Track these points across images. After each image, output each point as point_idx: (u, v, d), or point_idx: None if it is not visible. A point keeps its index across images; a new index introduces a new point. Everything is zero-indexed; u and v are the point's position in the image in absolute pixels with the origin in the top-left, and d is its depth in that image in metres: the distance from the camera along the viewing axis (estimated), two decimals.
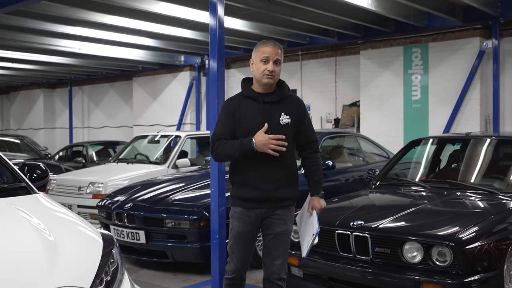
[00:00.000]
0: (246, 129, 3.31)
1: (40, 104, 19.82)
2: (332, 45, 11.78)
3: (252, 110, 3.36)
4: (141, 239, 5.51)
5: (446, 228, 3.84)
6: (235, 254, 3.43)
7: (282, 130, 3.33)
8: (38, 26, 9.42)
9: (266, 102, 3.36)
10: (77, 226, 2.57)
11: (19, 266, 2.06)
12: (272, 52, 3.33)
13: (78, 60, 13.76)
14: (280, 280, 3.40)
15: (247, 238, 3.42)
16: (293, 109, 3.42)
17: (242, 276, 3.49)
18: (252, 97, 3.39)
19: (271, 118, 3.33)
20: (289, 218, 3.45)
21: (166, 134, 9.59)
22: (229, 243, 3.47)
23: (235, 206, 3.45)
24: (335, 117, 11.88)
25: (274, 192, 3.35)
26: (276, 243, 3.39)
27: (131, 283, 2.44)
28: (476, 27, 9.52)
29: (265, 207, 3.37)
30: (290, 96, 3.47)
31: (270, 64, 3.31)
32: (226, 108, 3.43)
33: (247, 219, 3.39)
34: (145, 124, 15.39)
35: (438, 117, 9.92)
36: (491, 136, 5.60)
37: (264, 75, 3.32)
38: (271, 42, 3.39)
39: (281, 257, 3.40)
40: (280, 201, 3.39)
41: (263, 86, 3.38)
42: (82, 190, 7.73)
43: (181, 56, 14.09)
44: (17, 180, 3.05)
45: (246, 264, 3.48)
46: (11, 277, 1.99)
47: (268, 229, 3.41)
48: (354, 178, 7.18)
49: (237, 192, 3.43)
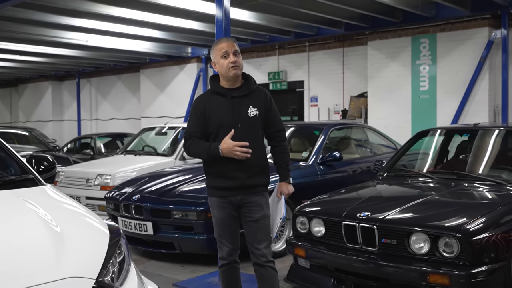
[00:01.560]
0: (218, 124, 3.50)
1: (48, 96, 19.91)
2: (340, 36, 11.73)
3: (221, 106, 3.53)
4: (149, 231, 5.53)
5: (453, 219, 3.82)
6: (223, 238, 3.64)
7: (251, 122, 3.53)
8: (45, 18, 9.45)
9: (234, 96, 3.54)
10: (84, 217, 2.58)
11: (26, 257, 2.07)
12: (228, 45, 3.51)
13: (86, 53, 13.79)
14: (269, 262, 3.59)
15: (229, 222, 3.62)
16: (260, 101, 3.59)
17: (235, 259, 3.71)
18: (221, 93, 3.57)
19: (239, 111, 3.52)
20: (265, 203, 3.64)
21: (174, 126, 9.61)
22: (215, 230, 3.69)
23: (211, 196, 3.66)
24: (343, 108, 11.84)
25: (247, 180, 3.53)
26: (257, 228, 3.58)
27: (138, 274, 2.46)
28: (484, 16, 9.44)
29: (239, 194, 3.55)
30: (256, 89, 3.64)
31: (231, 56, 3.48)
32: (195, 106, 3.63)
33: (224, 206, 3.58)
34: (153, 116, 15.42)
35: (446, 108, 9.86)
36: (499, 127, 5.56)
37: (229, 68, 3.48)
38: (224, 38, 3.62)
39: (264, 241, 3.59)
40: (253, 188, 3.57)
41: (231, 80, 3.54)
42: (90, 182, 7.77)
43: (188, 48, 14.09)
44: (24, 172, 3.07)
45: (236, 244, 3.67)
46: (18, 268, 2.00)
47: (247, 217, 3.60)
48: (361, 170, 7.15)
49: (212, 182, 3.62)
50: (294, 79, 12.74)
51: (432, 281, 3.63)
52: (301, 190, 5.52)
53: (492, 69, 9.50)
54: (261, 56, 13.26)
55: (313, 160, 6.50)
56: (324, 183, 6.36)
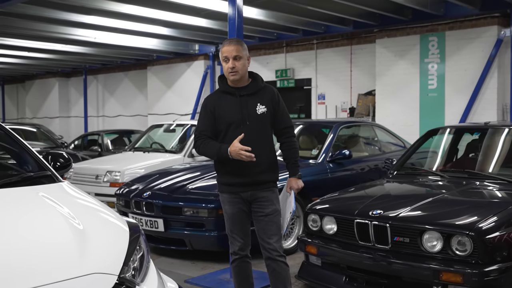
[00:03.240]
0: (227, 123, 3.60)
1: (55, 93, 19.96)
2: (348, 34, 11.72)
3: (230, 104, 3.63)
4: (160, 227, 5.56)
5: (466, 217, 3.83)
6: (234, 233, 3.73)
7: (259, 119, 3.63)
8: (54, 15, 9.48)
9: (243, 95, 3.64)
10: (103, 214, 2.61)
11: (50, 254, 2.10)
12: (228, 50, 3.58)
13: (93, 49, 13.82)
14: (281, 256, 3.67)
15: (240, 217, 3.71)
16: (268, 99, 3.68)
17: (247, 253, 3.78)
18: (229, 92, 3.67)
19: (248, 109, 3.62)
20: (275, 199, 3.71)
21: (182, 123, 9.63)
22: (227, 226, 3.78)
23: (222, 192, 3.75)
24: (350, 106, 11.83)
25: (257, 177, 3.62)
26: (268, 223, 3.66)
27: (158, 272, 2.48)
28: (494, 15, 9.40)
29: (250, 190, 3.64)
30: (264, 87, 3.72)
31: (230, 62, 3.56)
32: (205, 106, 3.72)
33: (235, 201, 3.67)
34: (160, 113, 15.45)
35: (454, 106, 9.85)
36: (510, 125, 5.55)
37: (228, 73, 3.59)
38: (228, 41, 3.66)
39: (275, 235, 3.66)
40: (262, 184, 3.65)
41: (234, 82, 3.64)
42: (99, 178, 7.80)
43: (195, 45, 14.10)
44: (42, 168, 3.09)
45: (247, 239, 3.76)
46: (43, 264, 2.03)
47: (258, 212, 3.68)
48: (369, 168, 7.16)
49: (223, 179, 3.72)
50: (301, 77, 12.74)
51: (445, 279, 3.65)
52: (310, 187, 5.54)
53: (501, 68, 9.48)
54: (268, 54, 13.25)
55: (323, 158, 6.52)
56: (334, 181, 6.37)
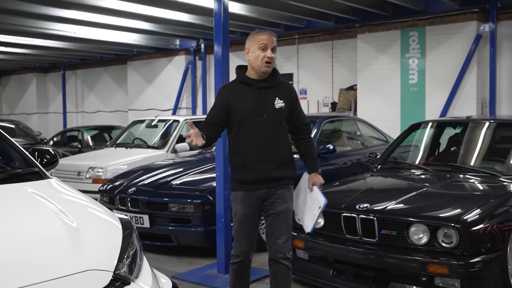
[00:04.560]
0: (242, 114, 3.44)
1: (33, 88, 19.66)
2: (329, 29, 11.76)
3: (246, 95, 3.50)
4: (145, 223, 5.53)
5: (452, 210, 3.89)
6: (240, 236, 3.54)
7: (276, 114, 3.50)
8: (34, 9, 9.32)
9: (261, 87, 3.51)
10: (95, 211, 2.58)
11: (44, 251, 2.07)
12: (269, 39, 3.45)
13: (73, 44, 13.62)
14: (285, 259, 3.51)
15: (251, 219, 3.54)
16: (286, 95, 3.57)
17: (249, 258, 3.61)
18: (247, 83, 3.53)
19: (266, 102, 3.48)
20: (289, 197, 3.58)
21: (164, 119, 9.57)
22: (234, 227, 3.58)
23: (236, 190, 3.56)
24: (332, 101, 11.89)
25: (273, 172, 3.48)
26: (278, 222, 3.51)
27: (151, 269, 2.46)
28: (473, 10, 9.53)
29: (265, 188, 3.49)
30: (282, 82, 3.62)
31: (269, 51, 3.44)
32: (219, 97, 3.58)
33: (249, 201, 3.50)
34: (140, 108, 15.33)
35: (435, 100, 9.97)
36: (492, 119, 5.65)
37: (263, 62, 3.44)
38: (267, 31, 3.53)
39: (284, 236, 3.51)
40: (279, 181, 3.51)
41: (260, 73, 3.50)
42: (81, 175, 7.72)
43: (176, 40, 14.00)
44: (29, 165, 3.05)
45: (252, 246, 3.60)
46: (38, 261, 2.00)
47: (269, 210, 3.53)
48: (352, 162, 7.21)
49: (237, 176, 3.56)
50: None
51: (432, 271, 3.71)
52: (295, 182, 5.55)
53: (480, 63, 9.62)
54: None
55: None
56: None
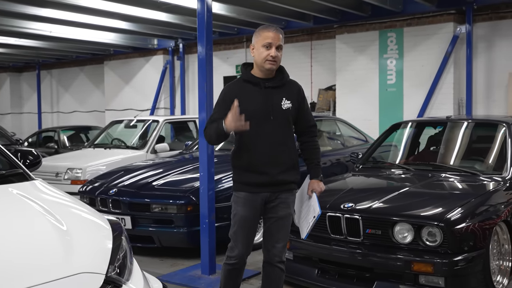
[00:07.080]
0: (248, 114, 3.19)
1: (7, 88, 19.27)
2: (308, 29, 11.79)
3: (253, 95, 3.34)
4: (127, 225, 5.46)
5: (435, 209, 3.94)
6: (239, 239, 3.42)
7: (283, 115, 3.36)
8: (8, 7, 9.11)
9: (267, 87, 3.36)
10: (83, 212, 2.54)
11: (35, 254, 2.03)
12: (274, 37, 3.29)
13: (48, 43, 13.37)
14: (281, 262, 3.47)
15: (251, 222, 3.43)
16: (293, 95, 3.43)
17: (244, 260, 3.52)
18: (253, 82, 3.37)
19: (272, 102, 3.34)
20: (292, 202, 3.48)
21: (143, 119, 9.48)
22: (233, 228, 3.45)
23: (238, 191, 3.41)
24: (311, 101, 11.92)
25: (278, 176, 3.35)
26: (278, 227, 3.42)
27: (142, 272, 2.43)
28: (450, 12, 9.66)
29: (269, 191, 3.36)
30: (290, 81, 3.48)
31: (273, 50, 3.28)
32: (224, 96, 3.41)
33: (252, 203, 3.37)
34: (118, 108, 15.14)
35: (412, 101, 10.08)
36: (471, 119, 5.74)
37: (266, 60, 3.29)
38: (273, 27, 3.35)
39: (282, 241, 3.45)
40: (284, 185, 3.40)
41: (265, 71, 3.35)
42: (60, 176, 7.61)
43: (154, 40, 13.87)
44: (13, 166, 2.99)
45: (249, 249, 3.49)
46: (29, 264, 1.96)
47: (270, 213, 3.43)
48: (332, 162, 7.25)
49: (241, 177, 3.41)
50: None
51: (416, 269, 3.75)
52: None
53: (457, 63, 9.76)
54: (228, 49, 13.21)
55: None
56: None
